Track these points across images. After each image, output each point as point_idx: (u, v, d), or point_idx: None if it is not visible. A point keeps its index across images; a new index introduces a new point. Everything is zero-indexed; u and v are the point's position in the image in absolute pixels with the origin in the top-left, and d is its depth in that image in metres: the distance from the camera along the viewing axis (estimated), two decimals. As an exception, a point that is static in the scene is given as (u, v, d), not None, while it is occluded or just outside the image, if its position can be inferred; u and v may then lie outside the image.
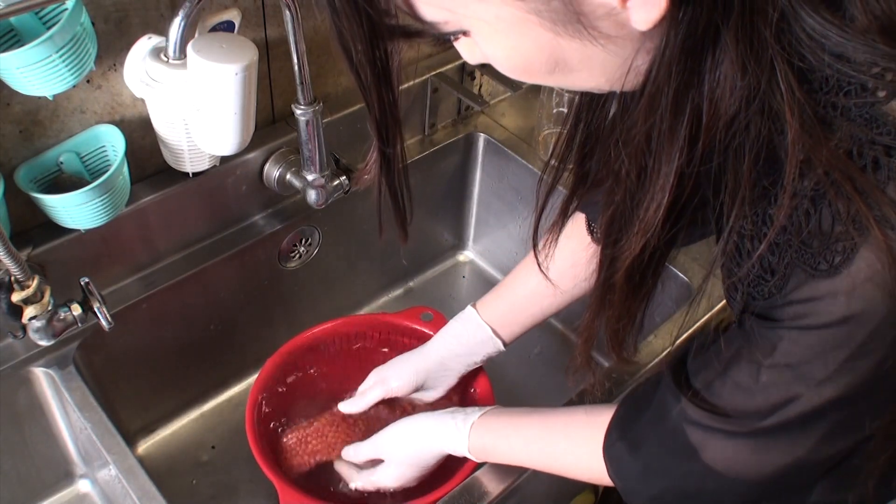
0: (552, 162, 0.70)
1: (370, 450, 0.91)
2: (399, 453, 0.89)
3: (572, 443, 0.75)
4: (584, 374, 0.78)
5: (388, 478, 0.90)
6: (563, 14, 0.47)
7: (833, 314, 0.50)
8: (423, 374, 0.95)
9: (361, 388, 0.99)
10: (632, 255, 0.58)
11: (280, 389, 1.01)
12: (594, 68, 0.51)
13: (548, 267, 0.79)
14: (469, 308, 0.95)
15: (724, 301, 1.02)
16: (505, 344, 0.94)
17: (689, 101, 0.49)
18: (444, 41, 0.52)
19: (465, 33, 0.51)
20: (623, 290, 0.63)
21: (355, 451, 0.93)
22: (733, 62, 0.47)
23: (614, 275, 0.63)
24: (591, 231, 0.85)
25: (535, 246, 0.77)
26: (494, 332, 0.93)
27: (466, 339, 0.94)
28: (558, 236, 0.76)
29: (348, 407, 0.97)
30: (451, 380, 0.97)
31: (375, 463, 0.91)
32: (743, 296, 0.56)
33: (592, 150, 0.67)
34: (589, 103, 0.65)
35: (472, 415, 0.84)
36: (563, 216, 0.74)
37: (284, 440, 0.97)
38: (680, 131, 0.50)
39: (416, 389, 0.96)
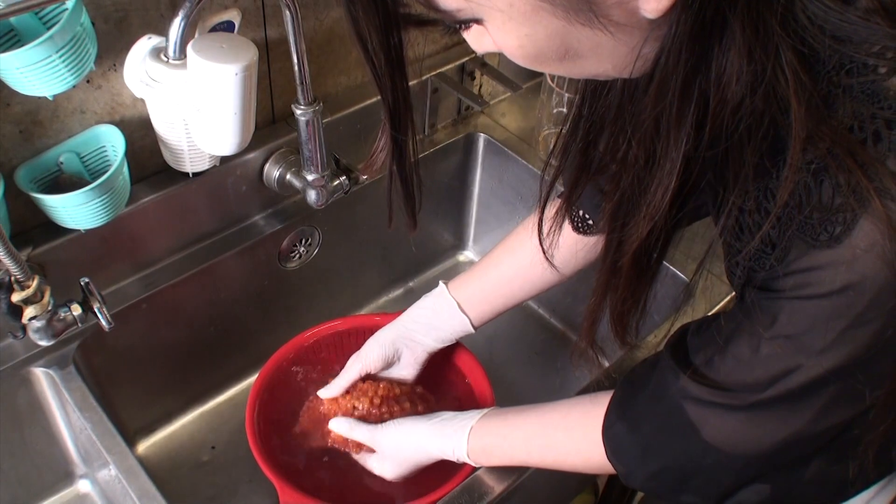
0: (552, 161, 0.71)
1: (365, 437, 0.91)
2: (395, 455, 0.89)
3: (570, 433, 0.76)
4: (587, 358, 0.78)
5: (383, 469, 0.90)
6: (575, 2, 0.48)
7: (833, 283, 0.50)
8: (391, 345, 0.95)
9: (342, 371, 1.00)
10: (639, 239, 0.59)
11: (280, 389, 1.01)
12: (603, 55, 0.52)
13: (553, 255, 0.80)
14: (440, 284, 0.96)
15: (724, 302, 1.03)
16: (473, 326, 0.95)
17: (696, 87, 0.50)
18: (455, 30, 0.53)
19: (477, 22, 0.52)
20: (629, 273, 0.65)
21: (348, 428, 0.92)
22: (740, 49, 0.48)
23: (621, 258, 0.64)
24: (573, 221, 0.86)
25: (539, 235, 0.77)
26: (462, 310, 0.94)
27: (433, 311, 0.95)
28: (562, 223, 0.77)
29: (326, 392, 0.96)
30: (420, 353, 0.97)
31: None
32: (744, 270, 0.56)
33: (597, 139, 0.68)
34: (593, 91, 0.66)
35: (469, 420, 0.84)
36: (568, 204, 0.75)
37: (298, 427, 0.98)
38: (687, 117, 0.51)
39: (388, 361, 0.96)
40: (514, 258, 0.92)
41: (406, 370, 0.97)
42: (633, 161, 0.56)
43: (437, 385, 1.01)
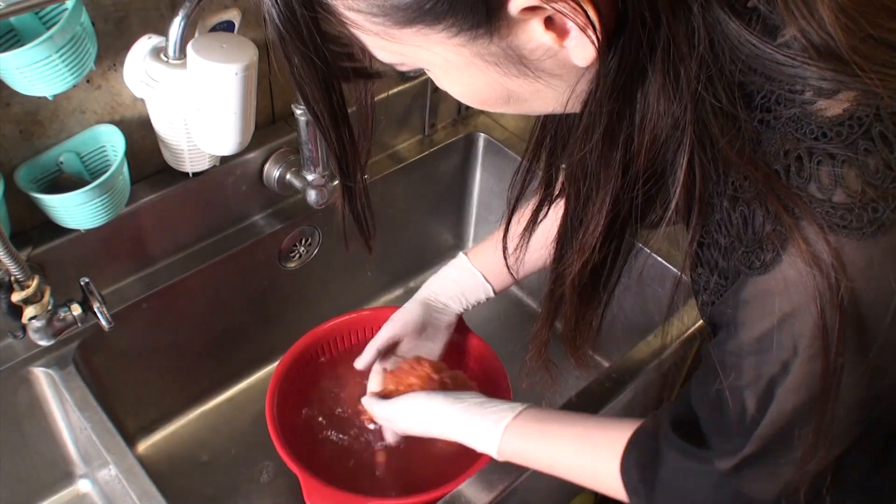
0: (523, 165, 0.71)
1: (385, 413, 0.89)
2: (410, 427, 0.87)
3: (599, 464, 0.73)
4: (540, 377, 0.80)
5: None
6: (504, 58, 0.50)
7: (773, 313, 0.49)
8: (420, 313, 0.96)
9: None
10: (573, 273, 0.61)
11: (299, 379, 1.02)
12: (546, 98, 0.54)
13: (517, 270, 0.81)
14: (461, 254, 0.98)
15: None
16: (495, 291, 0.97)
17: (621, 131, 0.52)
18: (409, 76, 0.56)
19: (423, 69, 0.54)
20: (573, 302, 0.66)
21: (371, 406, 0.92)
22: (659, 96, 0.49)
23: (561, 287, 0.66)
24: None
25: (504, 250, 0.77)
26: (485, 278, 0.96)
27: (458, 280, 0.97)
28: (528, 240, 0.75)
29: (359, 362, 0.97)
30: (449, 319, 0.98)
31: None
32: (705, 305, 0.57)
33: (560, 157, 0.69)
34: (551, 117, 0.67)
35: (504, 414, 0.80)
36: (534, 221, 0.73)
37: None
38: (613, 158, 0.53)
39: (418, 328, 0.97)
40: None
41: (437, 336, 0.98)
42: (570, 197, 0.58)
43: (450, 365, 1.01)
